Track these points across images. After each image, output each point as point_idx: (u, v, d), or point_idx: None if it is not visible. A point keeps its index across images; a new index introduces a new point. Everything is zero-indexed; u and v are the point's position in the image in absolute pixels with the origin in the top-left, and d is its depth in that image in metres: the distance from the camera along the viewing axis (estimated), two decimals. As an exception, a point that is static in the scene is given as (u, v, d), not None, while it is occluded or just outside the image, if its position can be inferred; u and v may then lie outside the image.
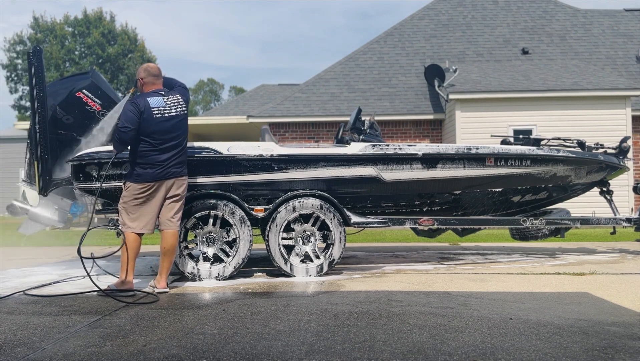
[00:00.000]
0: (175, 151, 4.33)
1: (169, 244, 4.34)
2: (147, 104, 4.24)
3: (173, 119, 4.32)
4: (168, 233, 4.35)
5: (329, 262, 4.98)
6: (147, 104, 4.24)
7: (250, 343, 2.77)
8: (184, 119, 4.41)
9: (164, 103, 4.32)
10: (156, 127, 4.24)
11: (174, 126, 4.31)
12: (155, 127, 4.23)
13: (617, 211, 6.48)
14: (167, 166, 4.28)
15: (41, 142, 4.96)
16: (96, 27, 35.71)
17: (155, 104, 4.28)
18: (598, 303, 3.72)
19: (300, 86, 15.89)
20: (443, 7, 17.18)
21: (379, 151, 5.20)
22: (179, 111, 4.38)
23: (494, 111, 12.28)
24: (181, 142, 4.38)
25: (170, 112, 4.33)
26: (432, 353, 2.56)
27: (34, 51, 4.98)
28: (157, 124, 4.24)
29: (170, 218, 4.35)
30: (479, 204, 5.78)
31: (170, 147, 4.30)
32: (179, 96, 4.45)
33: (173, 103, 4.38)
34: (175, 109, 4.37)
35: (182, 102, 4.43)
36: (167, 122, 4.28)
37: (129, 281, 4.27)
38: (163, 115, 4.28)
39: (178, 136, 4.34)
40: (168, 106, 4.34)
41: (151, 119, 4.22)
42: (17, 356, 2.60)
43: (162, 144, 4.26)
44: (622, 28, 16.18)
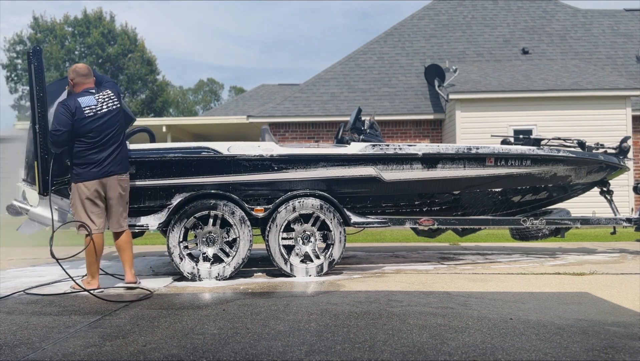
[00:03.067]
0: (113, 147, 4.33)
1: (120, 240, 4.45)
2: (77, 104, 4.24)
3: (106, 116, 4.31)
4: (117, 234, 4.45)
5: (329, 262, 4.98)
6: (77, 104, 4.24)
7: (250, 343, 2.77)
8: (118, 113, 4.39)
9: (95, 101, 4.31)
10: (90, 126, 4.24)
11: (108, 122, 4.31)
12: (89, 126, 4.23)
13: (617, 211, 6.48)
14: (107, 165, 4.30)
15: (41, 142, 4.95)
16: (96, 27, 35.72)
17: (87, 103, 4.28)
18: (598, 303, 3.72)
19: (300, 86, 15.89)
20: (443, 7, 17.19)
21: (379, 151, 5.20)
22: (111, 106, 4.36)
23: (494, 111, 12.28)
24: (118, 138, 4.37)
25: (102, 109, 4.32)
26: (432, 353, 2.56)
27: (34, 51, 4.97)
28: (90, 123, 4.23)
29: (117, 219, 4.41)
30: (479, 204, 5.77)
31: (107, 145, 4.31)
32: (109, 91, 4.43)
33: (104, 99, 4.37)
34: (106, 104, 4.35)
35: (113, 96, 4.41)
36: (100, 119, 4.28)
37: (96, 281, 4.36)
38: (96, 113, 4.28)
39: (114, 133, 4.34)
40: (100, 103, 4.33)
41: (83, 119, 4.22)
42: (17, 356, 2.60)
43: (99, 142, 4.27)
44: (622, 28, 16.18)
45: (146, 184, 4.85)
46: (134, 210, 4.93)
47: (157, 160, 4.86)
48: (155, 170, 4.84)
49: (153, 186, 4.87)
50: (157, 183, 4.84)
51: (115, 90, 4.48)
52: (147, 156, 4.86)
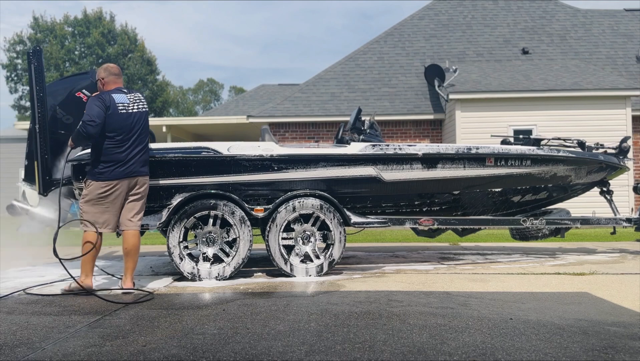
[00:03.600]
0: (139, 148, 4.35)
1: (129, 244, 4.33)
2: (112, 99, 4.25)
3: (136, 116, 4.34)
4: (129, 233, 4.34)
5: (329, 262, 4.98)
6: (112, 99, 4.25)
7: (250, 343, 2.77)
8: (146, 116, 4.46)
9: (127, 100, 4.35)
10: (121, 123, 4.25)
11: (137, 123, 4.34)
12: (120, 123, 4.24)
13: (617, 211, 6.48)
14: (131, 164, 4.30)
15: (41, 142, 4.96)
16: (96, 27, 35.72)
17: (120, 100, 4.30)
18: (598, 303, 3.72)
19: (300, 86, 15.89)
20: (443, 7, 17.18)
21: (379, 151, 5.20)
22: (141, 108, 4.41)
23: (494, 111, 12.27)
24: (143, 140, 4.40)
25: (133, 108, 4.35)
26: (432, 353, 2.56)
27: (34, 51, 4.97)
28: (122, 120, 4.25)
29: (131, 218, 4.35)
30: (479, 204, 5.78)
31: (134, 145, 4.32)
32: (139, 95, 4.51)
33: (135, 100, 4.41)
34: (137, 105, 4.39)
35: (143, 100, 4.48)
36: (130, 118, 4.30)
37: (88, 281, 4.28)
38: (127, 111, 4.30)
39: (141, 133, 4.37)
40: (131, 102, 4.36)
41: (116, 115, 4.23)
42: (17, 356, 2.60)
43: (126, 141, 4.28)
44: (622, 28, 16.18)
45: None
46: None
47: (157, 160, 4.86)
48: (155, 170, 4.83)
49: (153, 186, 4.86)
50: (157, 182, 4.84)
51: (142, 95, 4.58)
52: (147, 156, 4.86)
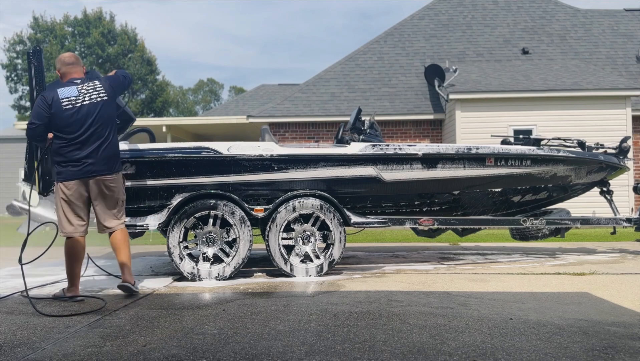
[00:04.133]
0: (95, 145, 3.91)
1: (115, 239, 4.07)
2: (55, 95, 3.87)
3: (85, 109, 3.89)
4: (113, 235, 4.09)
5: (329, 262, 4.98)
6: (55, 95, 3.87)
7: (250, 343, 2.77)
8: (104, 106, 3.96)
9: (76, 92, 3.92)
10: (68, 120, 3.85)
11: (89, 117, 3.88)
12: (66, 120, 3.85)
13: (617, 211, 6.48)
14: (88, 164, 3.90)
15: (41, 142, 4.95)
16: (96, 27, 35.71)
17: (66, 94, 3.90)
18: (598, 303, 3.72)
19: (300, 86, 15.89)
20: (443, 7, 17.18)
21: (379, 151, 5.20)
22: (95, 99, 3.94)
23: (494, 111, 12.28)
24: (102, 134, 3.93)
25: (83, 101, 3.91)
26: (432, 353, 2.56)
27: (34, 51, 4.97)
28: (68, 117, 3.85)
29: (104, 220, 4.06)
30: (479, 204, 5.78)
31: (88, 141, 3.89)
32: (97, 82, 4.04)
33: (87, 91, 3.95)
34: (89, 96, 3.94)
35: (99, 87, 4.00)
36: (78, 113, 3.87)
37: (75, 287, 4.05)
38: (74, 105, 3.88)
39: (96, 127, 3.91)
40: (82, 94, 3.93)
41: (60, 112, 3.85)
42: (17, 356, 2.60)
43: (78, 138, 3.87)
44: (622, 28, 16.18)
45: (146, 184, 4.86)
46: (134, 210, 4.94)
47: (157, 160, 4.86)
48: (155, 170, 4.84)
49: (153, 186, 4.87)
50: (157, 182, 4.84)
51: (106, 82, 4.07)
52: (147, 156, 4.86)
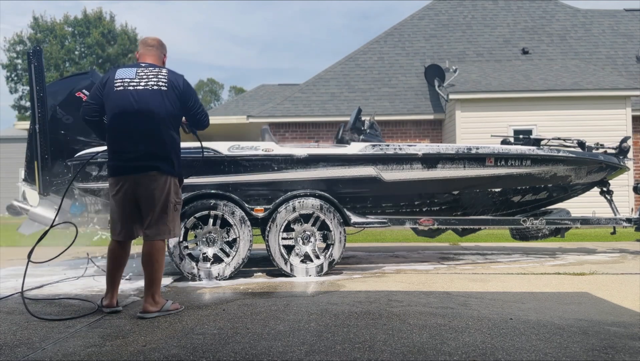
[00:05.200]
0: (139, 135, 3.36)
1: (143, 254, 3.45)
2: (113, 75, 3.42)
3: (137, 95, 3.35)
4: (145, 244, 3.47)
5: (329, 262, 4.98)
6: (113, 75, 3.42)
7: (250, 343, 2.77)
8: (157, 94, 3.38)
9: (133, 74, 3.40)
10: (115, 103, 3.36)
11: (137, 102, 3.34)
12: (113, 102, 3.37)
13: (617, 211, 6.48)
14: (129, 158, 3.37)
15: (41, 142, 4.96)
16: (96, 27, 35.72)
17: (122, 75, 3.41)
18: (598, 303, 3.71)
19: (300, 86, 15.89)
20: (443, 7, 17.18)
21: (379, 151, 5.20)
22: (151, 85, 3.39)
23: (494, 111, 12.28)
24: (149, 124, 3.36)
25: (137, 84, 3.37)
26: (432, 353, 2.56)
27: (34, 51, 4.98)
28: (116, 99, 3.36)
29: (145, 228, 3.45)
30: (479, 204, 5.77)
31: (132, 131, 3.36)
32: (164, 71, 3.49)
33: (147, 76, 3.42)
34: (147, 81, 3.39)
35: (162, 76, 3.45)
36: (128, 96, 3.34)
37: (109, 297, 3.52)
38: (126, 88, 3.36)
39: (144, 116, 3.35)
40: (138, 77, 3.40)
41: (111, 92, 3.38)
42: (17, 356, 2.60)
43: (122, 126, 3.37)
44: (622, 28, 16.18)
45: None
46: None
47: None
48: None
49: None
50: None
51: (173, 76, 3.49)
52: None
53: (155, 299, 3.42)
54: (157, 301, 3.42)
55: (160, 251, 3.45)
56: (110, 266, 3.51)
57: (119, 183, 3.42)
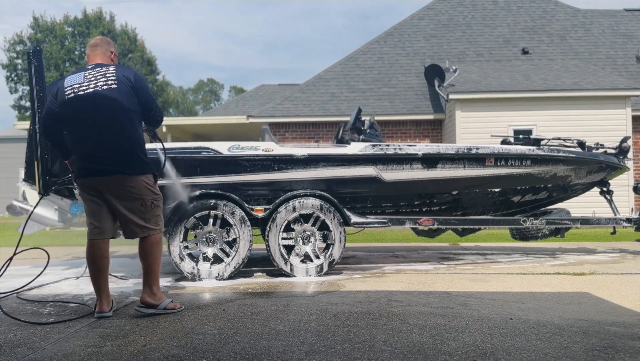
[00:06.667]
0: (99, 139, 3.32)
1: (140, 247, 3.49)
2: (62, 84, 3.39)
3: (90, 97, 3.29)
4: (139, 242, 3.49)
5: (329, 262, 4.98)
6: (62, 84, 3.39)
7: (250, 343, 2.77)
8: (112, 94, 3.31)
9: (82, 79, 3.35)
10: (69, 111, 3.33)
11: (94, 107, 3.29)
12: (68, 111, 3.33)
13: (617, 211, 6.48)
14: (93, 161, 3.34)
15: (41, 142, 4.96)
16: (96, 27, 35.70)
17: (70, 82, 3.36)
18: (598, 303, 3.71)
19: (300, 86, 15.89)
20: (443, 7, 17.18)
21: (379, 151, 5.20)
22: (101, 86, 3.31)
23: (494, 111, 12.28)
24: (106, 127, 3.31)
25: (87, 88, 3.31)
26: (432, 353, 2.56)
27: (34, 51, 4.97)
28: (70, 108, 3.32)
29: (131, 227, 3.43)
30: (479, 204, 5.77)
31: (91, 135, 3.32)
32: (111, 68, 3.40)
33: (95, 77, 3.34)
34: (96, 83, 3.33)
35: (109, 74, 3.36)
36: (80, 101, 3.30)
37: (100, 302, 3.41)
38: (77, 94, 3.31)
39: (100, 119, 3.29)
40: (87, 81, 3.34)
41: (63, 102, 3.33)
42: (17, 356, 2.60)
43: (80, 131, 3.35)
44: (622, 28, 16.18)
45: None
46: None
47: (157, 160, 4.85)
48: (155, 170, 4.82)
49: (153, 186, 4.87)
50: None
51: (122, 72, 3.41)
52: (147, 156, 4.86)
53: (153, 291, 3.43)
54: (154, 293, 3.43)
55: (154, 245, 3.44)
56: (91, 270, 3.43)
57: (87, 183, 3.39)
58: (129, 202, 3.39)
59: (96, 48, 3.55)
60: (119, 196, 3.38)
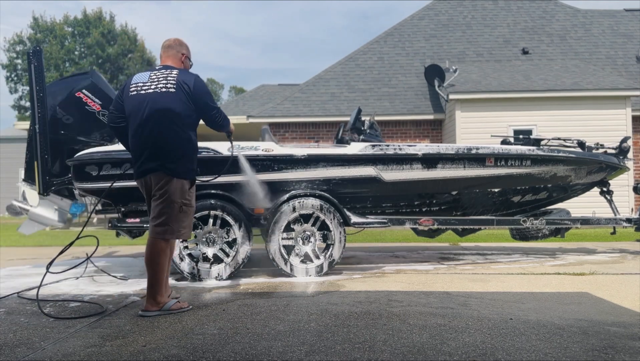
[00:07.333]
0: (147, 137, 3.43)
1: (146, 251, 3.49)
2: (129, 80, 3.56)
3: (147, 97, 3.42)
4: (147, 242, 3.51)
5: (329, 262, 4.97)
6: (129, 80, 3.56)
7: (250, 343, 2.77)
8: (166, 98, 3.42)
9: (146, 78, 3.50)
10: (129, 107, 3.49)
11: (146, 104, 3.41)
12: (128, 107, 3.50)
13: (617, 211, 6.48)
14: (140, 160, 3.49)
15: (41, 142, 4.96)
16: (96, 27, 35.71)
17: (136, 80, 3.53)
18: (598, 303, 3.71)
19: (300, 86, 15.89)
20: (443, 7, 17.18)
21: (378, 151, 5.20)
22: (160, 88, 3.43)
23: (494, 111, 12.28)
24: (156, 127, 3.41)
25: (148, 88, 3.45)
26: (432, 353, 2.56)
27: (34, 51, 4.98)
28: (129, 104, 3.48)
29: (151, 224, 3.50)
30: (479, 205, 5.77)
31: (141, 133, 3.44)
32: (174, 72, 3.52)
33: (158, 78, 3.48)
34: (156, 84, 3.45)
35: (171, 78, 3.47)
36: (139, 99, 3.44)
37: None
38: (139, 92, 3.46)
39: (152, 119, 3.40)
40: (150, 81, 3.48)
41: (127, 98, 3.50)
42: (17, 356, 2.60)
43: (133, 127, 3.48)
44: (622, 28, 16.18)
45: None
46: (133, 211, 4.95)
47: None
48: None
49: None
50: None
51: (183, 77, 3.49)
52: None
53: (157, 300, 3.44)
54: (158, 302, 3.45)
55: (161, 253, 3.45)
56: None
57: (140, 184, 3.60)
58: (158, 200, 3.47)
59: (169, 50, 3.67)
60: (153, 194, 3.51)
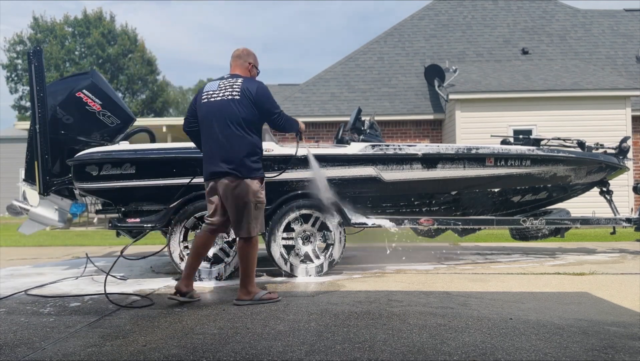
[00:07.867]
0: (215, 143, 3.74)
1: (237, 250, 3.97)
2: (203, 88, 3.91)
3: (216, 104, 3.75)
4: (237, 242, 3.96)
5: (329, 262, 4.98)
6: (203, 88, 3.91)
7: (250, 343, 2.77)
8: (230, 104, 3.71)
9: (216, 87, 3.83)
10: (201, 114, 3.83)
11: (215, 111, 3.73)
12: (200, 114, 3.83)
13: (617, 211, 6.48)
14: (209, 163, 3.80)
15: (41, 142, 4.96)
16: (96, 27, 35.72)
17: (208, 88, 3.87)
18: (598, 303, 3.72)
19: (300, 86, 15.89)
20: (443, 7, 17.19)
21: (378, 151, 5.20)
22: (227, 95, 3.74)
23: (494, 111, 12.28)
24: (223, 133, 3.69)
25: (217, 96, 3.78)
26: (432, 353, 2.56)
27: (34, 51, 4.98)
28: (201, 111, 3.82)
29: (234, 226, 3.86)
30: (478, 204, 5.77)
31: (211, 139, 3.77)
32: (239, 80, 3.82)
33: (225, 86, 3.80)
34: (223, 92, 3.78)
35: (236, 86, 3.77)
36: (209, 106, 3.78)
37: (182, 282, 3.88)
38: (209, 100, 3.80)
39: (220, 125, 3.71)
40: (219, 89, 3.81)
41: (199, 105, 3.85)
42: (17, 356, 2.60)
43: (205, 133, 3.82)
44: (622, 28, 16.18)
45: (146, 184, 4.85)
46: (134, 210, 4.95)
47: (158, 160, 4.86)
48: (155, 170, 4.84)
49: (153, 186, 4.87)
50: (157, 182, 4.84)
51: (247, 84, 3.80)
52: (147, 156, 4.87)
53: (248, 290, 3.83)
54: (250, 291, 3.82)
55: (247, 248, 3.85)
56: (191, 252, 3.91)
57: (208, 185, 3.87)
58: (233, 202, 3.75)
59: (237, 59, 3.99)
60: (226, 196, 3.76)
